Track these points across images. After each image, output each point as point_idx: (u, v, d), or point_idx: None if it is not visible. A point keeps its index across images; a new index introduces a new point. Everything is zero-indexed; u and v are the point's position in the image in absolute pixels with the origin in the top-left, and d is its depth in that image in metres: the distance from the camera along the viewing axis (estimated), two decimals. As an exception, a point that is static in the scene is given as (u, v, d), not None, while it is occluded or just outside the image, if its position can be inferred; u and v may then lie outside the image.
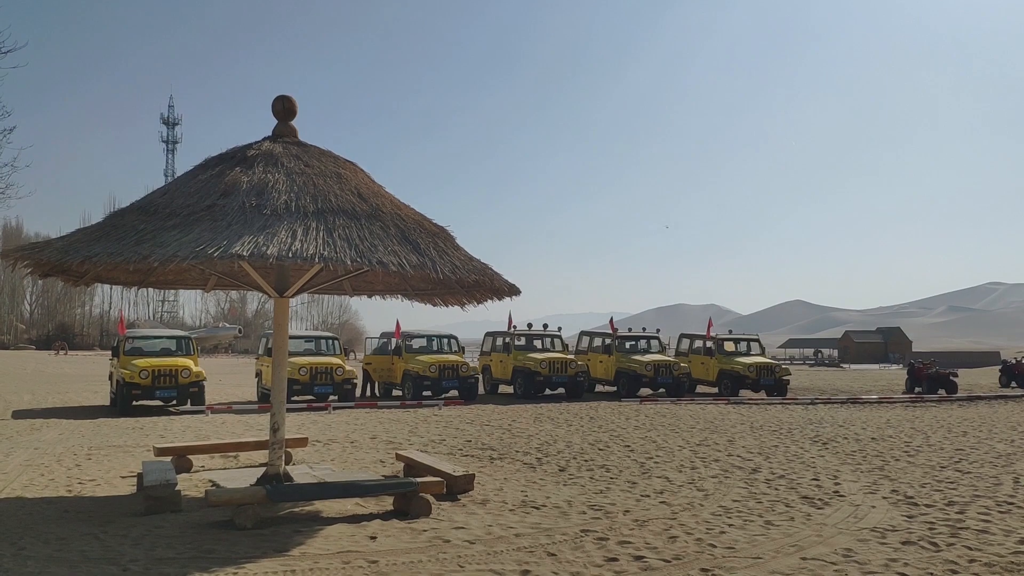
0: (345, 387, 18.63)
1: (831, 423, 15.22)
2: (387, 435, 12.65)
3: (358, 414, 16.21)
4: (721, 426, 14.44)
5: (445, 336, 22.81)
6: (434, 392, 20.43)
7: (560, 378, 21.36)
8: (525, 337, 23.70)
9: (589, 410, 17.63)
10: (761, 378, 22.71)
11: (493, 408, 17.94)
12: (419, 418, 15.43)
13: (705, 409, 18.17)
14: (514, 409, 17.68)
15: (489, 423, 14.61)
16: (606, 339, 24.13)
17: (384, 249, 6.50)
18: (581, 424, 14.62)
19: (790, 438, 12.78)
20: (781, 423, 15.12)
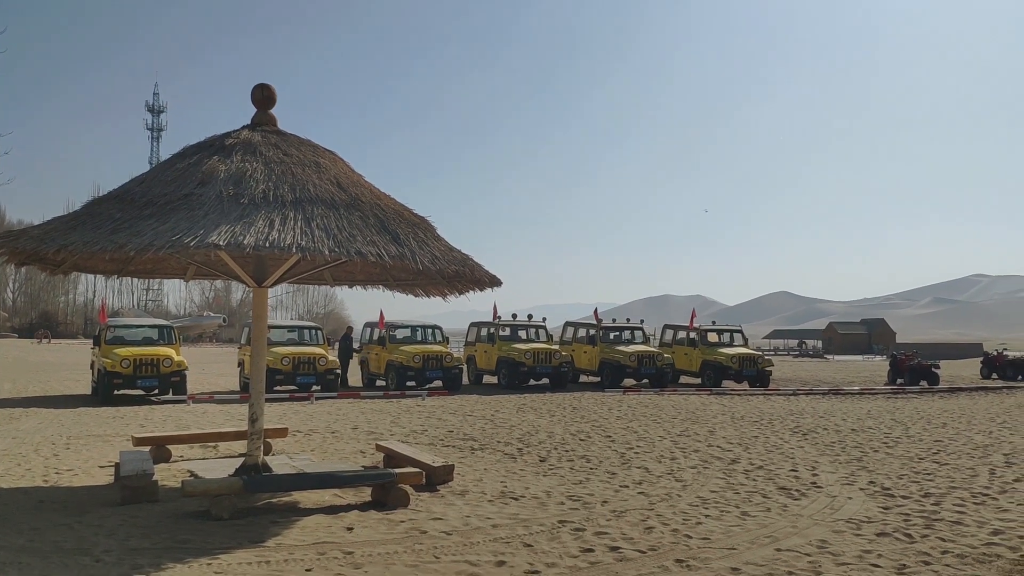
0: (328, 377, 18.59)
1: (812, 414, 15.32)
2: (369, 426, 12.64)
3: (341, 404, 16.19)
4: (702, 417, 14.51)
5: (429, 326, 22.80)
6: (418, 382, 20.39)
7: (544, 368, 21.41)
8: (510, 327, 23.70)
9: (572, 400, 17.68)
10: (743, 369, 22.82)
11: (477, 399, 17.95)
12: (402, 409, 15.42)
13: (687, 400, 18.25)
14: (498, 399, 17.70)
15: (472, 413, 14.63)
16: (590, 330, 24.18)
17: (363, 239, 6.47)
18: (564, 414, 14.66)
19: (770, 429, 12.86)
20: (762, 414, 15.21)
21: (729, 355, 23.04)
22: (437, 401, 17.12)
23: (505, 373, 21.59)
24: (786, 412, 15.68)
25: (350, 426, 12.55)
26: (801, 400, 18.85)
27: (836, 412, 15.86)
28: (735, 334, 25.48)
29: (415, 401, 17.04)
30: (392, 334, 21.50)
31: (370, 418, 13.75)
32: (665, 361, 22.53)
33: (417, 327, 22.82)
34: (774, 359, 29.82)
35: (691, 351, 24.16)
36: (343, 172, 7.45)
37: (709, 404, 17.21)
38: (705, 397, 19.20)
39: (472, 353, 23.81)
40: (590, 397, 18.68)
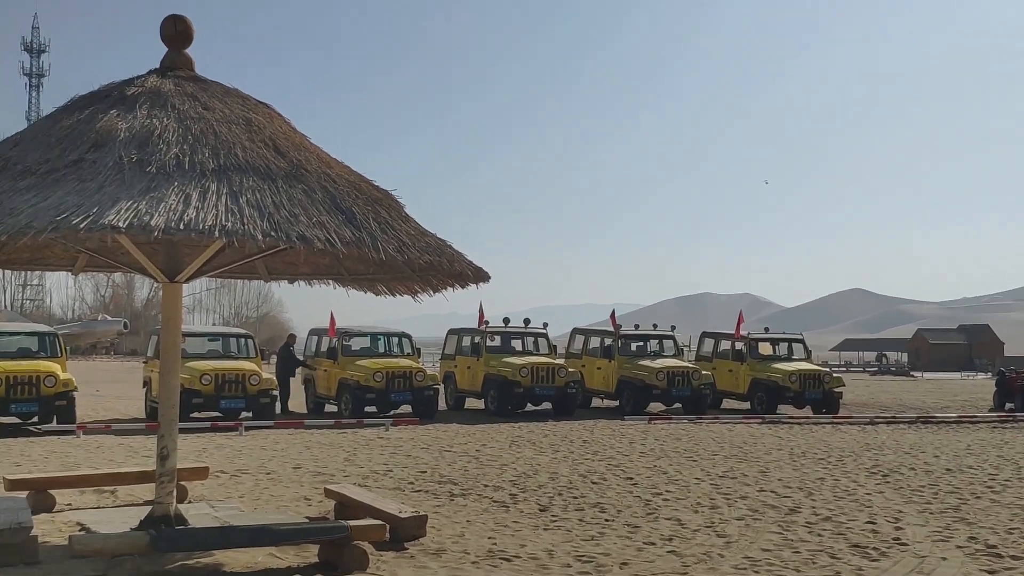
0: (262, 401, 18.60)
1: (895, 449, 15.41)
2: (316, 464, 12.64)
3: (279, 436, 16.17)
4: (752, 452, 14.56)
5: (395, 334, 22.81)
6: (380, 407, 20.38)
7: (545, 389, 21.47)
8: (500, 336, 23.76)
9: (582, 431, 17.71)
10: (806, 390, 22.96)
11: (457, 429, 17.97)
12: (359, 442, 15.42)
13: (733, 430, 18.32)
14: (484, 430, 17.72)
15: (451, 448, 14.64)
16: (606, 339, 24.26)
17: (308, 220, 6.45)
18: (571, 449, 14.68)
19: (840, 468, 12.93)
20: (830, 449, 15.28)
21: (787, 372, 23.16)
22: (405, 432, 17.13)
23: (494, 395, 21.64)
24: (861, 447, 15.75)
25: (291, 465, 12.53)
26: (881, 431, 18.96)
27: (926, 447, 15.94)
28: (795, 344, 25.60)
29: (376, 432, 17.05)
30: (346, 344, 21.52)
31: (317, 454, 13.74)
32: (703, 380, 22.63)
33: (379, 335, 22.80)
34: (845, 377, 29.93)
35: (737, 367, 24.27)
36: (282, 132, 7.43)
37: (761, 436, 17.28)
38: (755, 427, 19.28)
39: (451, 369, 23.85)
40: (605, 427, 18.72)
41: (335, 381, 20.83)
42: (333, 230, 6.48)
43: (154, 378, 19.37)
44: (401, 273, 8.53)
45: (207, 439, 15.65)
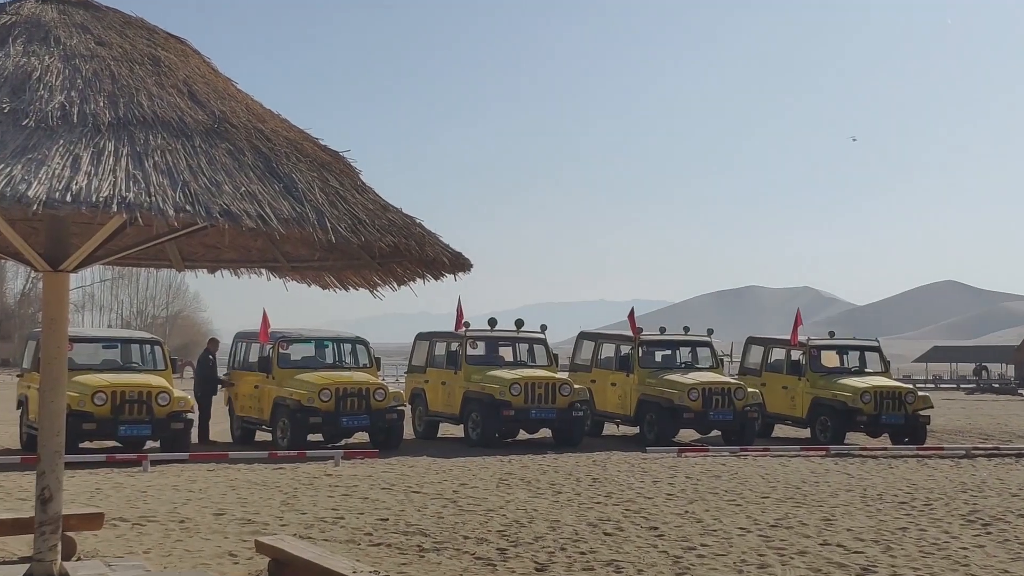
0: (174, 426, 18.56)
1: (998, 491, 15.44)
2: (244, 509, 12.61)
3: (195, 473, 16.13)
4: (813, 494, 14.59)
5: (347, 339, 22.75)
6: (328, 435, 20.34)
7: (543, 412, 21.47)
8: (485, 342, 23.72)
9: (592, 466, 17.73)
10: (883, 413, 23.00)
11: (428, 463, 17.96)
12: (301, 480, 15.41)
13: (787, 465, 18.35)
14: (464, 465, 17.72)
15: (421, 489, 14.63)
16: (622, 346, 24.27)
17: (234, 190, 6.42)
18: (577, 490, 14.69)
19: (928, 516, 12.95)
20: (915, 490, 15.31)
21: (858, 389, 23.21)
22: (361, 467, 17.11)
23: (477, 420, 21.63)
24: (955, 487, 15.80)
25: (212, 510, 12.50)
26: (980, 467, 18.99)
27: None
28: (869, 354, 25.64)
29: (323, 467, 17.03)
30: (283, 353, 21.46)
31: (246, 496, 13.71)
32: (749, 399, 22.66)
33: (326, 341, 22.75)
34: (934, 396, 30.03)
35: (794, 382, 24.32)
36: (200, 75, 7.40)
37: (824, 473, 17.31)
38: (817, 461, 19.30)
39: (420, 385, 23.82)
40: (621, 461, 18.74)
41: (269, 401, 20.77)
42: (267, 203, 6.45)
43: (32, 396, 19.33)
44: (356, 260, 8.51)
45: (102, 476, 15.59)
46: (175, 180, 6.32)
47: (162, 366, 20.27)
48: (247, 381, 21.76)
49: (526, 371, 22.37)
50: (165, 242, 8.48)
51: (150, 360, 20.51)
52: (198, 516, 12.10)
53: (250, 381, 21.67)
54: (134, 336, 22.13)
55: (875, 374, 24.88)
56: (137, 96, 6.83)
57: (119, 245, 7.99)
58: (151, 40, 7.46)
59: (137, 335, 22.51)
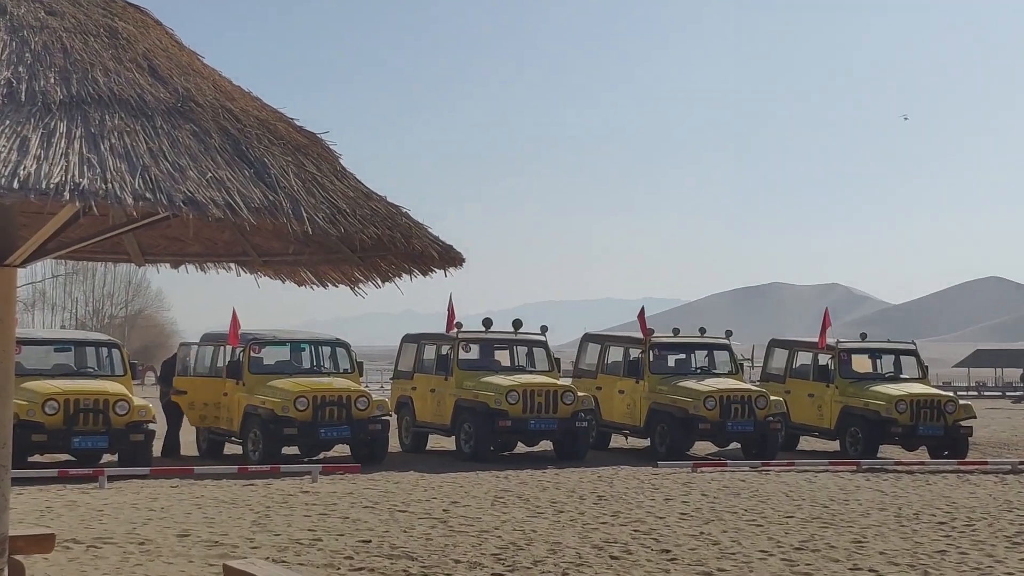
0: (133, 438, 18.55)
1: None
2: (211, 531, 12.60)
3: (157, 489, 16.13)
4: (843, 514, 14.59)
5: (325, 342, 22.72)
6: (304, 448, 20.35)
7: (544, 422, 21.47)
8: (479, 345, 23.70)
9: (597, 482, 17.76)
10: (919, 424, 23.01)
11: (416, 479, 17.97)
12: (274, 498, 15.41)
13: (814, 481, 18.37)
14: (456, 481, 17.72)
15: (407, 508, 14.63)
16: (631, 349, 24.26)
17: (199, 176, 6.41)
18: (581, 509, 14.70)
19: (970, 537, 12.95)
20: (955, 509, 15.31)
21: (892, 397, 23.21)
22: (341, 484, 17.12)
23: (470, 431, 21.62)
24: (999, 505, 15.80)
25: (175, 531, 12.49)
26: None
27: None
28: (904, 358, 25.64)
29: (299, 484, 17.03)
30: (255, 357, 21.45)
31: (213, 515, 13.70)
32: (772, 408, 22.65)
33: (303, 344, 22.73)
34: (977, 404, 30.01)
35: (821, 389, 24.31)
36: (162, 48, 7.39)
37: (855, 490, 17.31)
38: (847, 477, 19.30)
39: (407, 393, 23.81)
40: (630, 476, 18.76)
41: (239, 410, 20.77)
42: (236, 190, 6.44)
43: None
44: (335, 253, 8.50)
45: (53, 493, 15.57)
46: (134, 165, 6.30)
47: (120, 371, 20.25)
48: (218, 388, 21.69)
49: (524, 377, 22.37)
50: (123, 233, 8.47)
51: (107, 364, 20.48)
52: (160, 537, 12.06)
53: (220, 387, 21.62)
54: (89, 338, 22.08)
55: (911, 380, 24.88)
56: (92, 72, 6.82)
57: (72, 237, 7.97)
58: (107, 10, 7.44)
59: (93, 337, 22.46)
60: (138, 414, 18.67)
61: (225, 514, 13.84)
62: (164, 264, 9.51)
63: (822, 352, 24.82)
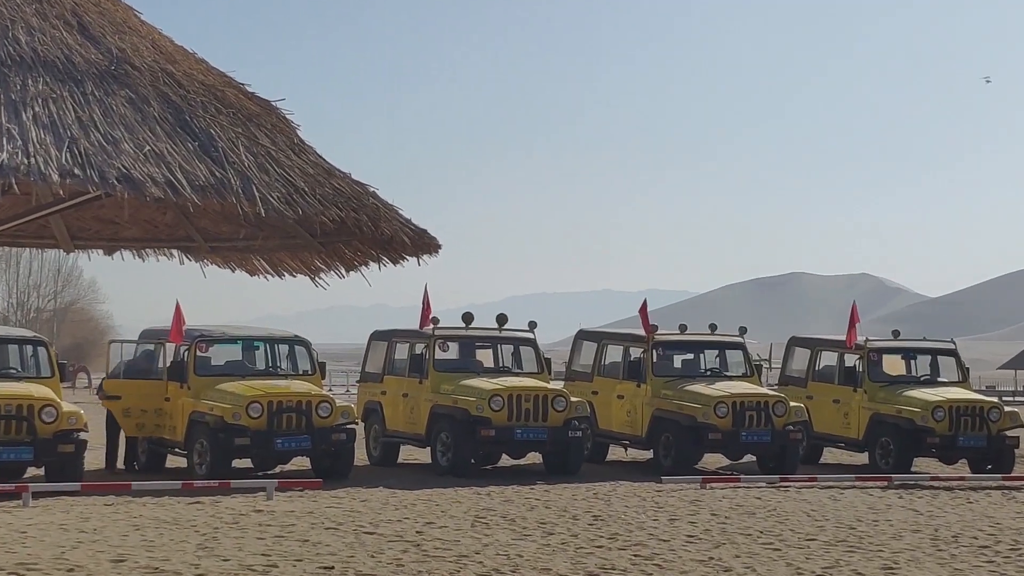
0: (62, 449, 18.49)
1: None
2: (150, 555, 12.55)
3: (89, 508, 16.07)
4: (871, 536, 14.60)
5: (282, 339, 22.66)
6: (258, 461, 20.32)
7: (532, 431, 21.45)
8: (458, 343, 23.68)
9: (592, 500, 17.76)
10: (959, 434, 23.01)
11: (386, 496, 17.97)
12: (223, 518, 15.37)
13: (840, 499, 18.39)
14: (432, 498, 17.72)
15: (376, 528, 14.62)
16: (632, 348, 24.24)
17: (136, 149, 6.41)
18: (574, 530, 14.69)
19: (1016, 563, 12.96)
20: (999, 530, 15.33)
21: (929, 403, 23.22)
22: (300, 501, 17.09)
23: (448, 441, 21.59)
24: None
25: (109, 556, 12.44)
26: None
27: None
28: (942, 358, 25.64)
29: (251, 501, 17.00)
30: (202, 356, 21.37)
31: (153, 538, 13.65)
32: (791, 416, 22.64)
33: (256, 341, 22.65)
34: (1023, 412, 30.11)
35: (848, 394, 24.33)
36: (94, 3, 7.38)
37: (886, 509, 17.33)
38: (877, 494, 19.33)
39: (376, 398, 23.78)
40: (630, 493, 18.77)
41: (183, 417, 20.67)
42: (178, 166, 6.43)
43: None
44: (293, 239, 8.50)
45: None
46: (61, 137, 6.29)
47: (47, 372, 20.16)
48: (148, 393, 21.58)
49: (510, 380, 22.32)
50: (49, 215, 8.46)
51: (32, 365, 20.40)
52: (92, 563, 12.00)
53: (154, 393, 21.54)
54: (12, 335, 21.97)
55: (950, 384, 24.89)
56: (12, 30, 6.80)
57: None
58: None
59: (16, 333, 22.37)
60: (67, 422, 18.57)
61: (167, 537, 13.76)
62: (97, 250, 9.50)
63: (849, 352, 24.81)
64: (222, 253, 9.04)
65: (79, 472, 18.65)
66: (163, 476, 20.36)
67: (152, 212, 8.86)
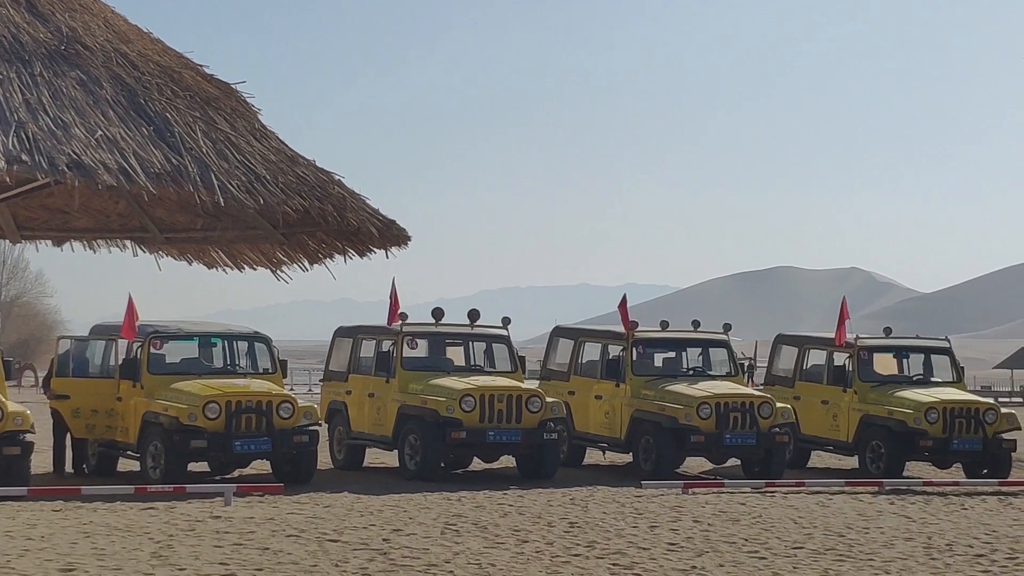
0: (7, 451, 18.43)
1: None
2: (100, 564, 12.52)
3: (36, 514, 16.04)
4: (861, 544, 14.64)
5: (241, 335, 22.62)
6: (215, 464, 20.34)
7: (505, 434, 21.46)
8: (428, 340, 23.67)
9: (569, 505, 17.78)
10: (953, 436, 23.08)
11: (351, 501, 17.97)
12: (178, 524, 15.35)
13: (828, 505, 18.45)
14: (399, 504, 17.73)
15: (340, 536, 14.61)
16: (611, 345, 24.26)
17: (87, 134, 6.39)
18: (549, 538, 14.70)
19: (1013, 572, 12.99)
20: (995, 539, 15.37)
21: (922, 405, 23.29)
22: (260, 507, 17.07)
23: (417, 444, 21.58)
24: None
25: (58, 564, 12.40)
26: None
27: None
28: (936, 357, 25.69)
29: (208, 507, 16.98)
30: (156, 354, 21.30)
31: (104, 545, 13.61)
32: (778, 418, 22.69)
33: (214, 338, 22.59)
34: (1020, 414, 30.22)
35: (837, 395, 24.41)
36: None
37: (877, 516, 17.38)
38: (867, 500, 19.39)
39: (340, 398, 23.78)
40: (608, 499, 18.79)
41: (136, 418, 20.61)
42: (132, 152, 6.41)
43: None
44: (253, 230, 8.48)
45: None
46: (7, 121, 6.26)
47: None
48: (98, 392, 21.48)
49: (482, 379, 22.32)
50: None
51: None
52: (39, 572, 11.96)
53: (105, 392, 21.43)
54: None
55: (944, 384, 24.92)
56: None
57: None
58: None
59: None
60: (13, 423, 18.50)
61: (119, 544, 13.72)
62: (45, 241, 9.49)
63: (838, 350, 24.86)
64: (178, 244, 9.04)
65: (26, 476, 18.60)
66: (115, 480, 20.33)
67: (104, 201, 8.84)
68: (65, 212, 9.26)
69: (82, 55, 6.96)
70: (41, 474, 20.52)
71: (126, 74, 6.98)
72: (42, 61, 6.77)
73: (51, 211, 9.27)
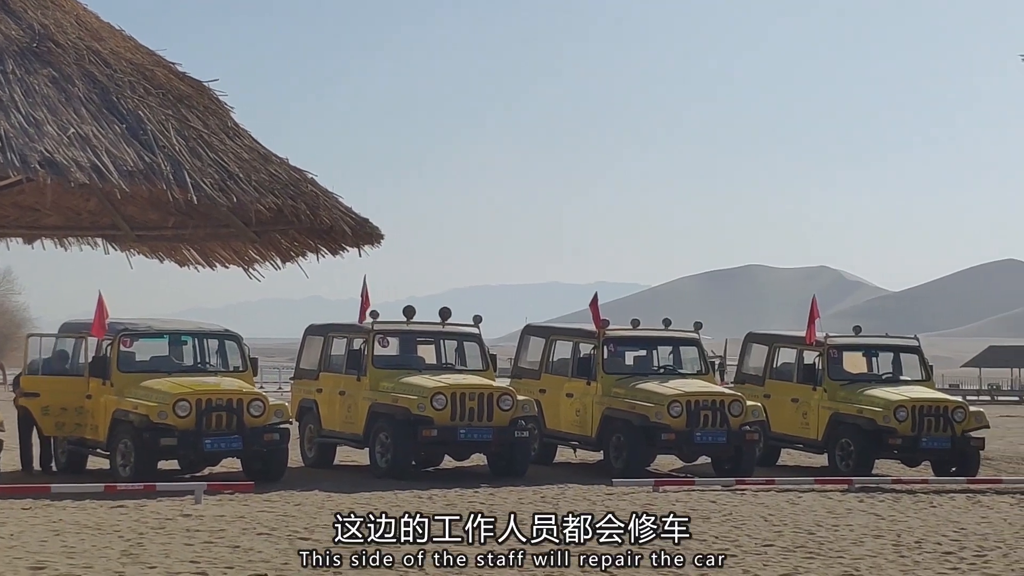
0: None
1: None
2: (70, 562, 12.50)
3: (5, 512, 15.98)
4: (830, 541, 14.69)
5: (212, 334, 22.56)
6: (186, 462, 20.26)
7: (476, 432, 21.45)
8: (399, 338, 23.64)
9: (540, 504, 17.85)
10: (923, 435, 23.15)
11: (322, 499, 17.97)
12: (148, 523, 15.33)
13: (798, 503, 18.50)
14: (370, 502, 17.73)
15: (312, 534, 14.60)
16: (582, 344, 24.25)
17: (59, 132, 6.38)
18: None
19: (981, 570, 13.04)
20: (964, 536, 15.43)
21: (891, 403, 23.35)
22: (230, 506, 17.07)
23: (387, 442, 21.57)
24: (1016, 532, 15.93)
25: (27, 563, 12.37)
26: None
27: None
28: (905, 355, 25.78)
29: (178, 505, 16.95)
30: (126, 352, 21.23)
31: (74, 544, 13.59)
32: (748, 416, 22.73)
33: (184, 336, 22.55)
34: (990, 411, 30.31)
35: (807, 393, 24.45)
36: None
37: (846, 513, 17.43)
38: (836, 498, 19.43)
39: (311, 396, 23.73)
40: (580, 497, 18.82)
41: (105, 416, 20.56)
42: (104, 150, 6.40)
43: None
44: (225, 227, 8.46)
45: None
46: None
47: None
48: (68, 390, 21.43)
49: (453, 377, 22.34)
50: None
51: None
52: (9, 571, 11.92)
53: (75, 390, 21.39)
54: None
55: (913, 383, 25.01)
56: (-76, 3, 6.75)
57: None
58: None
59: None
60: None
61: (88, 543, 13.69)
62: (15, 238, 9.42)
63: (808, 348, 24.93)
64: (149, 242, 8.99)
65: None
66: (84, 478, 20.22)
67: (75, 199, 8.80)
68: (36, 210, 9.20)
69: (54, 52, 6.93)
70: (9, 472, 20.42)
71: (98, 71, 6.95)
72: (13, 58, 6.74)
73: (22, 208, 9.22)
